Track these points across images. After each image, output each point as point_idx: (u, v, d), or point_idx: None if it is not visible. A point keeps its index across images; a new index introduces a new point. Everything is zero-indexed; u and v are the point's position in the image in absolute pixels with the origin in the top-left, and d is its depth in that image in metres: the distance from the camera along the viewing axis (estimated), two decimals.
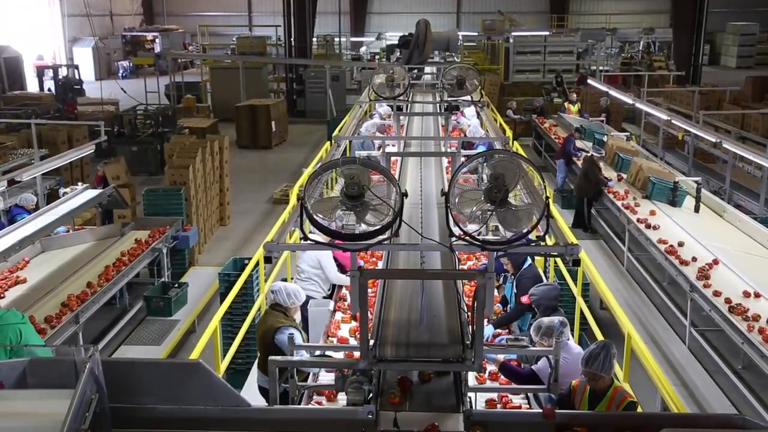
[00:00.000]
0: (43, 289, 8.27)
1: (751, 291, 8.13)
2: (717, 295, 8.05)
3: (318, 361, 5.23)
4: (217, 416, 4.02)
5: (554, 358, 4.66)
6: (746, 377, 7.77)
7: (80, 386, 3.36)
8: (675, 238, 9.90)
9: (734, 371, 7.90)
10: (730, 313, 7.64)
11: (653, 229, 10.47)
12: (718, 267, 8.93)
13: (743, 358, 7.85)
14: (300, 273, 7.65)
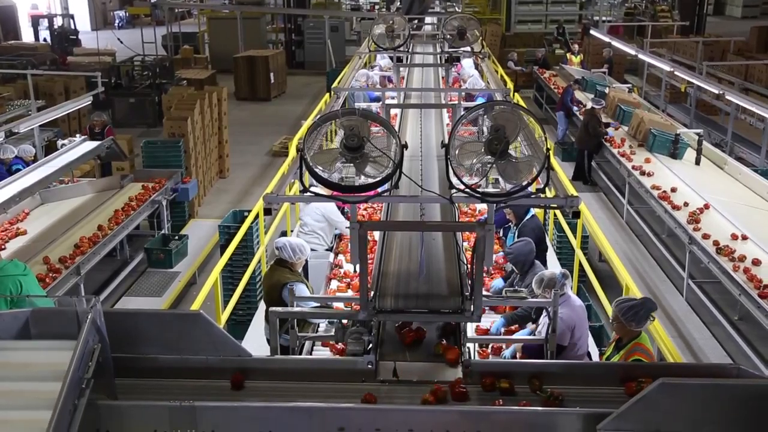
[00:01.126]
0: (44, 240, 8.30)
1: (738, 234, 8.42)
2: (706, 238, 8.35)
3: (318, 312, 5.28)
4: (218, 366, 4.06)
5: (552, 309, 4.70)
6: (742, 328, 7.86)
7: (82, 336, 3.39)
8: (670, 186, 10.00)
9: (731, 322, 7.98)
10: (717, 254, 7.91)
11: (647, 176, 10.61)
12: (709, 212, 9.18)
13: (740, 309, 7.93)
14: (303, 226, 7.67)
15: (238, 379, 4.00)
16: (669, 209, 9.36)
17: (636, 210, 11.12)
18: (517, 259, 6.29)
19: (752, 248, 8.16)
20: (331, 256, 7.37)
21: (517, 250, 6.33)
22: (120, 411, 3.68)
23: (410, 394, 4.04)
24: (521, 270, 6.27)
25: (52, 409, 3.07)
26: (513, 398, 3.92)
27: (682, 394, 3.42)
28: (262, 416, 3.70)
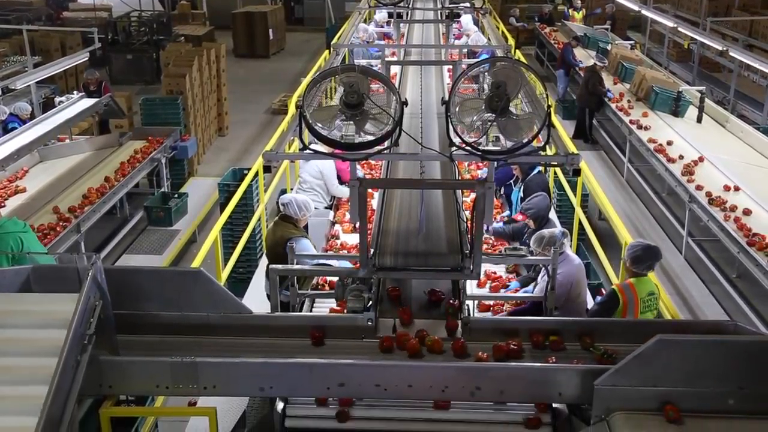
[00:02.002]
0: (43, 198, 8.29)
1: (731, 185, 8.59)
2: (699, 189, 8.50)
3: (318, 269, 5.29)
4: (219, 323, 4.10)
5: (551, 267, 4.71)
6: (740, 286, 7.91)
7: (84, 293, 3.41)
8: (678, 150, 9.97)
9: (729, 280, 8.03)
10: (709, 205, 8.08)
11: (644, 130, 10.68)
12: (703, 164, 9.33)
13: (738, 267, 7.97)
14: (302, 184, 7.65)
15: (317, 336, 4.05)
16: (664, 161, 9.51)
17: (636, 168, 11.09)
18: (538, 214, 6.31)
19: (744, 199, 8.32)
20: (331, 214, 7.37)
21: (536, 205, 6.35)
22: (122, 366, 3.72)
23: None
24: (538, 226, 6.27)
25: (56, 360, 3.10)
26: (565, 355, 3.95)
27: (679, 350, 3.45)
28: (263, 372, 3.74)
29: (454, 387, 3.71)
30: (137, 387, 3.83)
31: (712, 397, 3.45)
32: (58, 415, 3.08)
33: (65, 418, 3.11)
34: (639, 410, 3.47)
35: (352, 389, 3.75)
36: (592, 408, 3.57)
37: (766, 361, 3.44)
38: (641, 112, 11.34)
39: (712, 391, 3.44)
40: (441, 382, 3.71)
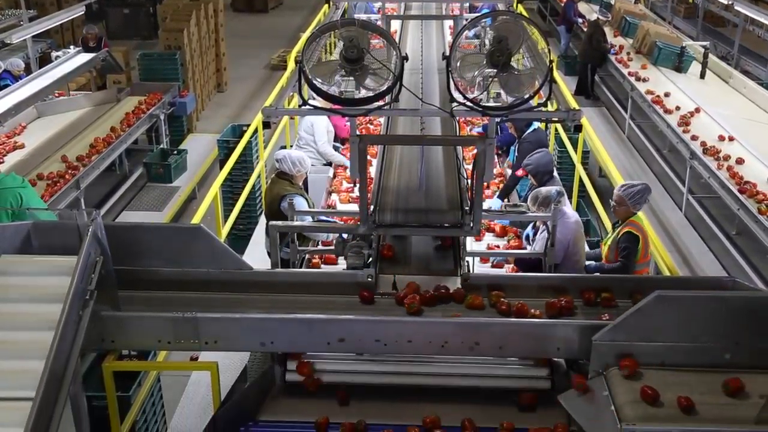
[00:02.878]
0: (42, 154, 8.26)
1: (725, 135, 8.74)
2: (694, 139, 8.71)
3: (318, 225, 5.30)
4: (220, 279, 4.11)
5: (551, 224, 4.71)
6: (739, 242, 7.93)
7: (84, 249, 3.41)
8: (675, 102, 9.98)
9: (728, 237, 8.05)
10: (703, 154, 8.26)
11: (642, 81, 10.74)
12: (700, 115, 9.46)
13: (738, 224, 7.98)
14: (299, 140, 7.62)
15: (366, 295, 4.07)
16: (660, 112, 9.60)
17: (638, 125, 11.03)
18: (537, 170, 6.28)
19: (738, 149, 8.46)
20: (330, 171, 7.36)
21: (536, 161, 6.31)
22: (124, 321, 3.74)
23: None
24: (540, 182, 6.25)
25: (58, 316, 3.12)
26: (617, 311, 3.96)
27: (678, 306, 3.47)
28: (264, 327, 3.76)
29: (454, 342, 3.74)
30: (139, 342, 3.86)
31: (708, 351, 3.48)
32: (62, 369, 3.11)
33: (68, 372, 3.14)
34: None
35: (351, 344, 3.78)
36: (590, 363, 3.60)
37: (762, 316, 3.46)
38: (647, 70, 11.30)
39: (709, 346, 3.47)
40: (440, 338, 3.74)
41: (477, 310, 3.98)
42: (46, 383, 2.91)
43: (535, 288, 4.18)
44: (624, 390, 3.37)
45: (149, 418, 4.90)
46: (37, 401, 2.83)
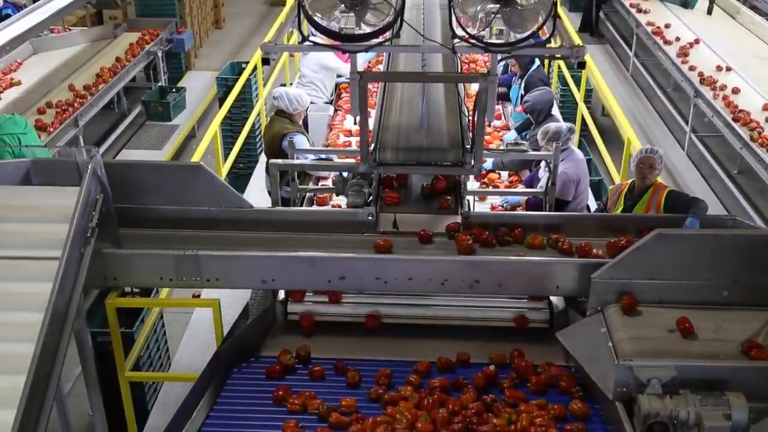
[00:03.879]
0: (39, 91, 8.17)
1: (723, 65, 8.75)
2: (692, 69, 8.74)
3: (318, 164, 5.28)
4: (221, 217, 4.12)
5: (553, 163, 4.69)
6: (741, 182, 7.93)
7: (84, 186, 3.41)
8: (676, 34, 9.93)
9: (730, 176, 8.04)
10: (700, 84, 8.31)
11: (643, 13, 10.66)
12: (699, 46, 9.46)
13: (740, 163, 7.96)
14: (302, 78, 7.53)
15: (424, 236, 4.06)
16: (660, 44, 9.58)
17: (642, 63, 10.88)
18: (534, 107, 6.21)
19: (735, 79, 8.45)
20: (331, 109, 7.29)
21: (535, 99, 6.24)
22: (126, 259, 3.76)
23: (409, 245, 4.13)
24: (537, 119, 6.20)
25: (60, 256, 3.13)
26: None
27: (677, 244, 3.48)
28: (265, 265, 3.79)
29: (454, 280, 3.77)
30: (141, 279, 3.89)
31: (706, 289, 3.51)
32: (65, 306, 3.14)
33: (72, 309, 3.18)
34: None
35: (352, 282, 3.82)
36: (588, 300, 3.64)
37: (761, 254, 3.48)
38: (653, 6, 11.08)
39: (708, 283, 3.50)
40: (440, 275, 3.77)
41: (537, 250, 3.95)
42: (50, 319, 2.94)
43: (539, 227, 4.18)
44: (622, 326, 3.42)
45: (153, 353, 4.98)
46: (42, 337, 2.87)
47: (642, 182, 4.62)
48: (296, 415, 3.42)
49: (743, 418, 3.00)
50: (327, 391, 3.59)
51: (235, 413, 3.50)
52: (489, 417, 3.36)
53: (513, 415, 3.35)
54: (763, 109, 7.68)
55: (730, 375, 3.13)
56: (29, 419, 2.72)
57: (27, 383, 2.72)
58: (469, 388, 3.56)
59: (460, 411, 3.39)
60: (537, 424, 3.29)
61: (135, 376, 4.31)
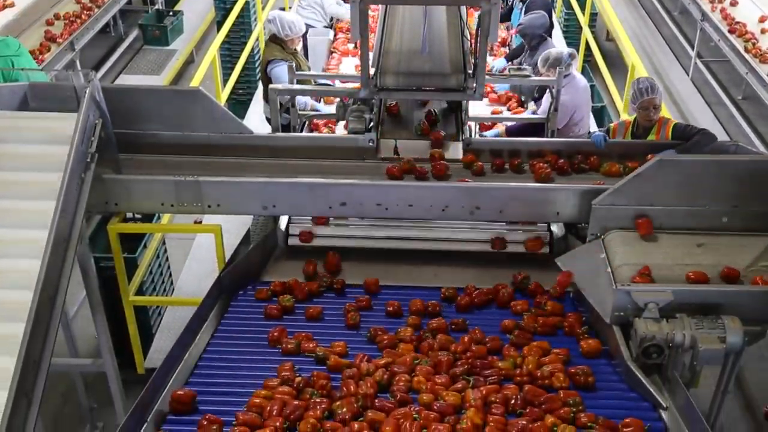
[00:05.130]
0: (33, 14, 7.99)
1: None
2: None
3: (318, 89, 5.22)
4: (221, 143, 4.10)
5: (555, 89, 4.63)
6: (745, 108, 7.85)
7: (82, 110, 3.38)
8: None
9: (734, 102, 7.96)
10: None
11: None
12: None
13: (745, 89, 7.87)
14: (301, 1, 7.36)
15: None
16: None
17: None
18: (526, 32, 6.08)
19: None
20: (331, 33, 7.16)
21: (529, 22, 6.10)
22: (126, 185, 3.77)
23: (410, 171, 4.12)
24: (530, 44, 6.08)
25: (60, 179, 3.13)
26: None
27: (679, 170, 3.47)
28: (266, 191, 3.79)
29: (455, 206, 3.78)
30: (142, 205, 3.90)
31: (706, 215, 3.52)
32: (67, 230, 3.15)
33: (74, 233, 3.19)
34: (634, 228, 3.55)
35: (353, 208, 3.83)
36: (589, 227, 3.65)
37: (761, 179, 3.48)
38: None
39: (708, 209, 3.51)
40: (441, 202, 3.78)
41: (614, 178, 3.89)
42: (53, 242, 2.96)
43: (537, 153, 4.17)
44: (621, 252, 3.44)
45: (156, 278, 5.03)
46: (45, 258, 2.89)
47: (648, 122, 4.50)
48: (292, 357, 3.35)
49: (737, 341, 3.05)
50: (324, 332, 3.55)
51: (238, 338, 3.56)
52: (493, 360, 3.30)
53: (518, 359, 3.29)
54: (759, 21, 7.74)
55: (726, 299, 3.17)
56: (36, 339, 2.77)
57: (33, 304, 2.76)
58: (475, 330, 3.47)
59: (462, 354, 3.32)
60: (544, 369, 3.20)
61: (138, 300, 4.37)
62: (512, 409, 3.02)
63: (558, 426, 2.88)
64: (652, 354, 3.09)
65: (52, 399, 4.75)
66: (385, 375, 3.16)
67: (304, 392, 3.09)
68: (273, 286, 3.84)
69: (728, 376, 3.41)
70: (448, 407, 2.98)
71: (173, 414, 3.03)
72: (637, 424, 2.87)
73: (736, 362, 3.31)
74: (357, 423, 2.90)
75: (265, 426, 2.89)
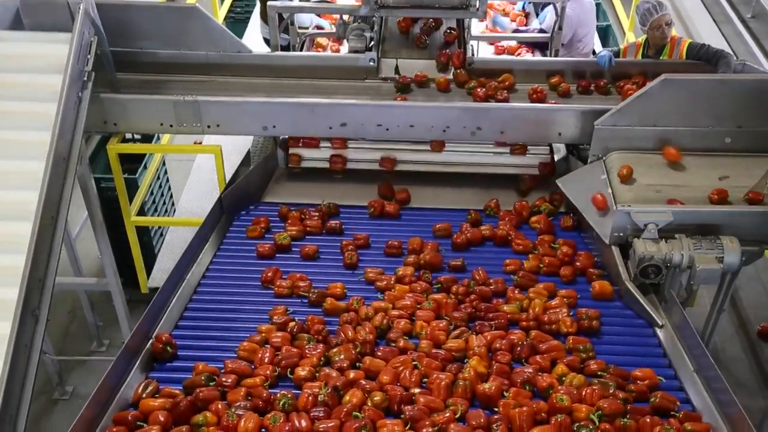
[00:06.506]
0: None
1: None
2: None
3: (318, 6, 5.10)
4: (219, 62, 4.04)
5: (560, 5, 4.52)
6: (753, 26, 7.69)
7: (77, 27, 3.31)
8: None
9: (742, 20, 7.78)
10: None
11: None
12: None
13: (755, 6, 7.69)
14: None
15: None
16: None
17: None
18: None
19: None
20: None
21: None
22: (124, 104, 3.73)
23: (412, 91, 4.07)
24: None
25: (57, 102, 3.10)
26: None
27: (684, 89, 3.42)
28: (266, 111, 3.75)
29: (456, 127, 3.75)
30: (141, 125, 3.87)
31: (709, 135, 3.49)
32: (66, 150, 3.13)
33: (73, 153, 3.17)
34: (636, 149, 3.53)
35: (353, 129, 3.79)
36: (590, 147, 3.63)
37: (766, 99, 3.43)
38: None
39: (711, 130, 3.48)
40: (442, 122, 3.74)
41: None
42: (53, 162, 2.95)
43: (542, 73, 4.10)
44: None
45: (157, 199, 5.04)
46: (46, 178, 2.89)
47: (662, 41, 4.35)
48: (285, 299, 3.25)
49: (735, 261, 3.08)
50: (321, 271, 3.45)
51: (239, 257, 3.58)
52: (498, 303, 3.17)
53: (524, 302, 3.16)
54: None
55: (725, 220, 3.18)
56: (39, 260, 2.79)
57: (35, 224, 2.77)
58: (478, 270, 3.35)
59: (465, 296, 3.20)
60: (550, 312, 3.07)
61: (140, 221, 4.39)
62: (518, 356, 2.88)
63: (566, 375, 2.75)
64: (650, 274, 3.13)
65: (60, 317, 4.84)
66: (384, 320, 3.03)
67: (299, 338, 2.96)
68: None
69: (724, 295, 3.46)
70: (450, 354, 2.86)
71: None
72: (649, 374, 2.75)
73: (732, 282, 3.36)
74: (353, 371, 2.77)
75: (255, 375, 2.77)
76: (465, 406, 2.61)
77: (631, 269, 3.20)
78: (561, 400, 2.57)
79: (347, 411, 2.55)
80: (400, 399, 2.63)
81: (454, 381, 2.71)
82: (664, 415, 2.60)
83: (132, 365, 2.79)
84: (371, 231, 3.70)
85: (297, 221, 3.76)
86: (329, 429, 2.50)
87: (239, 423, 2.52)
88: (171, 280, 3.21)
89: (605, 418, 2.52)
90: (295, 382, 2.75)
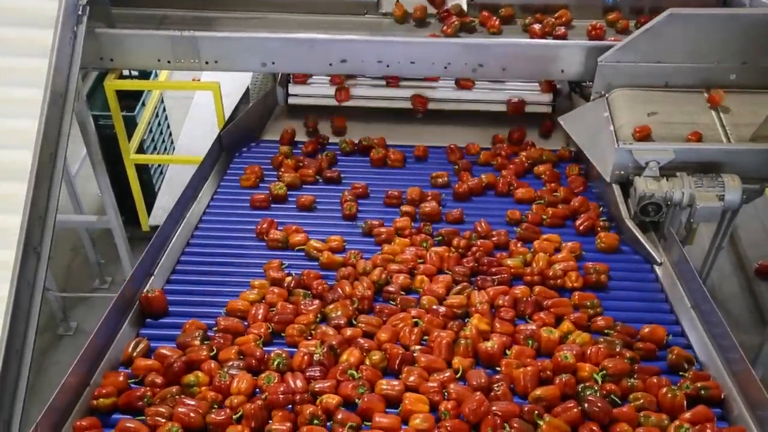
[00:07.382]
0: None
1: None
2: None
3: None
4: None
5: None
6: None
7: None
8: None
9: None
10: None
11: None
12: None
13: None
14: None
15: None
16: None
17: None
18: None
19: None
20: None
21: None
22: (121, 39, 3.66)
23: (411, 27, 4.00)
24: None
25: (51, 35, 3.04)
26: None
27: (690, 24, 3.35)
28: (265, 47, 3.68)
29: (457, 63, 3.69)
30: (138, 61, 3.81)
31: (714, 72, 3.44)
32: (63, 86, 3.09)
33: (70, 89, 3.13)
34: (640, 86, 3.48)
35: (354, 65, 3.73)
36: (593, 85, 3.58)
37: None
38: None
39: (716, 66, 3.42)
40: (444, 59, 3.68)
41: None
42: (50, 98, 2.92)
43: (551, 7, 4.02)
44: (625, 111, 3.39)
45: (156, 137, 5.01)
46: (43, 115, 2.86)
47: None
48: (279, 252, 3.18)
49: (735, 199, 3.08)
50: (319, 222, 3.39)
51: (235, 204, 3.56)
52: (501, 257, 3.07)
53: (528, 255, 3.07)
54: None
55: (727, 157, 3.16)
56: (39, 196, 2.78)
57: (34, 161, 2.75)
58: (481, 222, 3.26)
59: (467, 250, 3.11)
60: (555, 268, 2.97)
61: (139, 158, 4.37)
62: (522, 313, 2.79)
63: (572, 333, 2.66)
64: (651, 212, 3.13)
65: (62, 255, 4.87)
66: (383, 275, 2.92)
67: (294, 293, 2.85)
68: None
69: (723, 233, 3.47)
70: (452, 311, 2.76)
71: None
72: (657, 330, 2.66)
73: (732, 220, 3.36)
74: (350, 329, 2.66)
75: (248, 333, 2.67)
76: (467, 365, 2.53)
77: (632, 207, 3.20)
78: (565, 358, 2.51)
79: (343, 370, 2.47)
80: (400, 359, 2.53)
81: (456, 339, 2.62)
82: (674, 373, 2.54)
83: (122, 321, 2.72)
84: (370, 180, 3.67)
85: (291, 169, 3.68)
86: (325, 389, 2.41)
87: (232, 383, 2.43)
88: (171, 219, 3.21)
89: (611, 378, 2.45)
90: (290, 341, 2.66)
